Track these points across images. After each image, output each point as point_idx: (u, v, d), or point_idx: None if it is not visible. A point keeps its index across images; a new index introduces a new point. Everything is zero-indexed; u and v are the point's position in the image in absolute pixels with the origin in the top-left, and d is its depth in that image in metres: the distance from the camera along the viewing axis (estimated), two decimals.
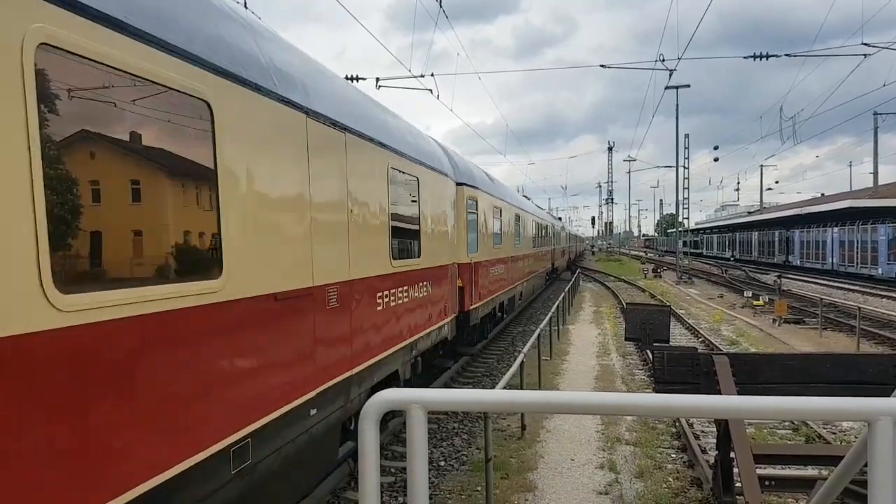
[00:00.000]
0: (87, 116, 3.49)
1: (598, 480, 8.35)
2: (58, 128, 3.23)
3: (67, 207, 3.29)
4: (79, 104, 3.42)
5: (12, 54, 2.97)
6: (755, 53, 25.39)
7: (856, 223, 45.35)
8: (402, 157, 9.27)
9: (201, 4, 4.72)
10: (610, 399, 2.40)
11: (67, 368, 3.16)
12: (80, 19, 3.35)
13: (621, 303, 29.72)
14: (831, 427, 10.59)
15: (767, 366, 6.44)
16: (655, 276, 51.60)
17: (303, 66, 6.45)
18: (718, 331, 21.90)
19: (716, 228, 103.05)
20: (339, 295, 6.55)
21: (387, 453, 9.70)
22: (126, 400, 3.55)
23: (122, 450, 3.51)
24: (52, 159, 3.16)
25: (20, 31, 3.00)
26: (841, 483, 2.94)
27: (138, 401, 3.64)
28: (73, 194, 3.35)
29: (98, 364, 3.35)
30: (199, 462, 4.12)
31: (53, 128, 3.18)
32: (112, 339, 3.45)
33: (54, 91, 3.23)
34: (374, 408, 2.17)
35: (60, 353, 3.12)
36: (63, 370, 3.13)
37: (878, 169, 67.44)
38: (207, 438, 4.25)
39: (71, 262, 3.30)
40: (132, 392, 3.60)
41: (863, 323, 19.74)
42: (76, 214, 3.36)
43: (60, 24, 3.22)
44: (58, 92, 3.25)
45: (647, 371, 14.92)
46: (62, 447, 3.14)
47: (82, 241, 3.39)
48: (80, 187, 3.40)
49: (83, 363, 3.26)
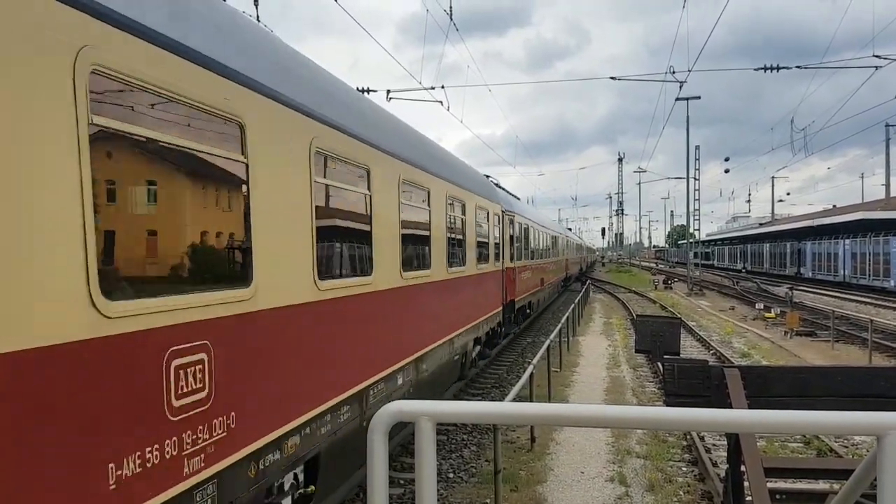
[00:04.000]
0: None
1: (609, 494, 8.31)
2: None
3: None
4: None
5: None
6: (766, 65, 25.37)
7: (868, 235, 45.06)
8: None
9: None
10: (620, 412, 2.40)
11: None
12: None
13: (632, 314, 29.62)
14: (843, 441, 10.51)
15: (778, 379, 6.39)
16: (666, 287, 51.40)
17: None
18: (730, 343, 21.78)
19: (727, 240, 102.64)
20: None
21: (395, 464, 9.69)
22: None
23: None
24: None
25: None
26: (851, 498, 2.92)
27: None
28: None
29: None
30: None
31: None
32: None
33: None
34: (382, 419, 2.18)
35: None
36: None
37: (890, 181, 67.08)
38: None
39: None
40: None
41: (875, 335, 19.58)
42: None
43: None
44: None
45: (657, 383, 14.86)
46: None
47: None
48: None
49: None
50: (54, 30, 3.06)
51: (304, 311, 5.59)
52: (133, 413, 3.51)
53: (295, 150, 5.53)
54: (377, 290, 7.44)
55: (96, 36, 3.31)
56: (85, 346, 3.19)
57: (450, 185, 11.35)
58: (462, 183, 12.54)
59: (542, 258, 29.01)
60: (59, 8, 3.11)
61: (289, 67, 5.94)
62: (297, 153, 5.55)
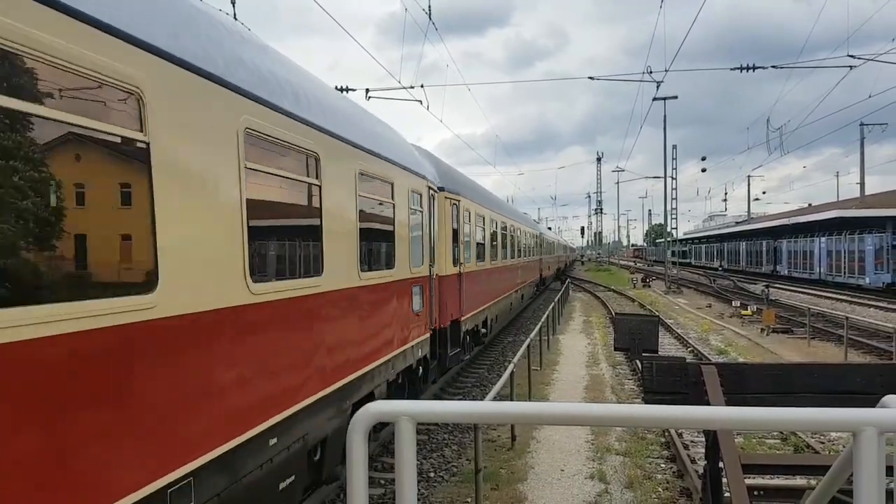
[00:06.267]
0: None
1: (589, 491, 8.35)
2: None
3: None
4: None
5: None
6: (742, 65, 25.55)
7: (843, 233, 45.66)
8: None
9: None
10: (599, 410, 2.40)
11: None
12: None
13: (611, 312, 29.78)
14: (820, 437, 10.63)
15: (755, 375, 6.46)
16: (644, 285, 51.76)
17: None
18: (707, 340, 21.96)
19: (704, 238, 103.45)
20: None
21: (376, 465, 9.66)
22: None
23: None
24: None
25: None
26: (828, 493, 2.95)
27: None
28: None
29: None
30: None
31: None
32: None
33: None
34: (362, 420, 2.16)
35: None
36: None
37: (865, 179, 67.95)
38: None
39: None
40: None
41: (850, 332, 19.85)
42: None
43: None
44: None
45: (636, 381, 14.94)
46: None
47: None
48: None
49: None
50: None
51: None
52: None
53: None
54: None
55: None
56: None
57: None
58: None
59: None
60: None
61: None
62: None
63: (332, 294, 7.06)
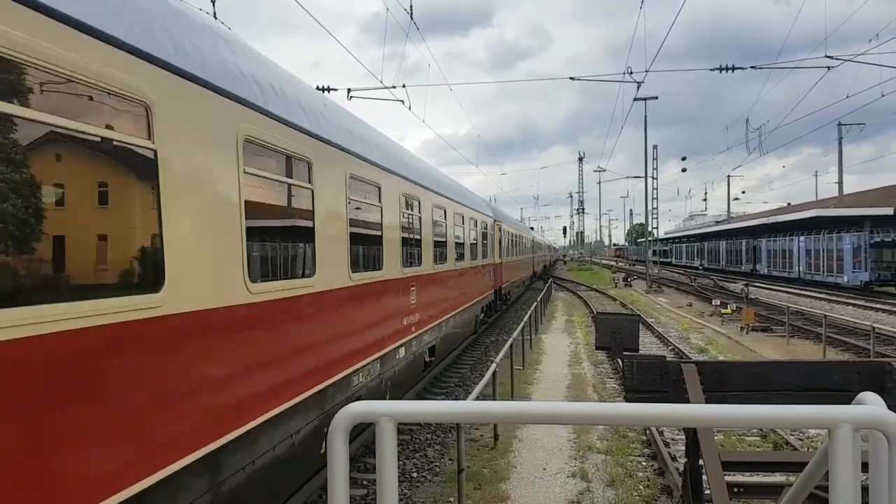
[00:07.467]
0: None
1: (570, 489, 8.38)
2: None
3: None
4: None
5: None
6: (722, 66, 25.76)
7: (821, 232, 46.16)
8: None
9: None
10: (581, 409, 2.42)
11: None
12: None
13: (593, 311, 29.90)
14: (799, 434, 10.74)
15: (735, 373, 6.50)
16: (626, 285, 52.01)
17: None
18: (687, 339, 22.12)
19: (685, 238, 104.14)
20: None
21: (359, 465, 9.64)
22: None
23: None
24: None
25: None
26: (805, 489, 2.98)
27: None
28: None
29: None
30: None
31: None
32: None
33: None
34: (343, 421, 2.15)
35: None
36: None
37: (843, 178, 68.80)
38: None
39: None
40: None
41: (829, 330, 20.07)
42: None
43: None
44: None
45: (618, 379, 15.02)
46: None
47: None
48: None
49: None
50: None
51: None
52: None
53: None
54: None
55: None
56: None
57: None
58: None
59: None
60: None
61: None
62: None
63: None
